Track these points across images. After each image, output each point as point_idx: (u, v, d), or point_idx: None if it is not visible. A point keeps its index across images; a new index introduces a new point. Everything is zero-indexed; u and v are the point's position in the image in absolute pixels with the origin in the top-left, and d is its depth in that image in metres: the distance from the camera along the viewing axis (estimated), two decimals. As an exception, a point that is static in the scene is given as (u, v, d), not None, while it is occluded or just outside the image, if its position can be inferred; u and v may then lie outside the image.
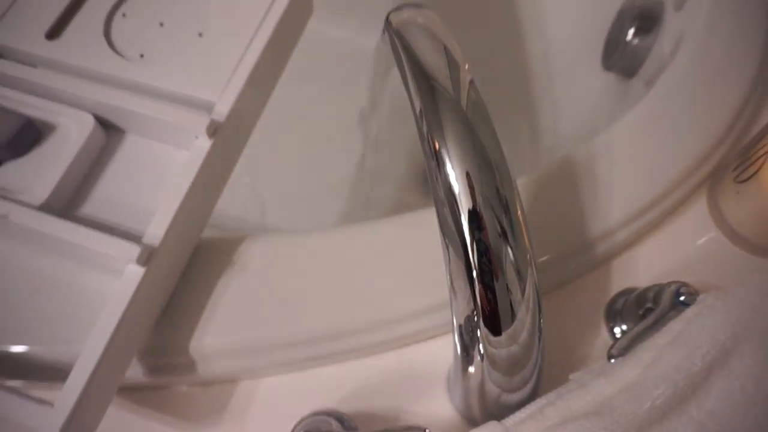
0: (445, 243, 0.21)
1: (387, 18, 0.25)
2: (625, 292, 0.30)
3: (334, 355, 0.29)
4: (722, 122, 0.31)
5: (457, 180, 0.20)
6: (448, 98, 0.21)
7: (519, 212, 0.20)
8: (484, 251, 0.20)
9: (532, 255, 0.20)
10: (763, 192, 0.27)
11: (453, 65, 0.22)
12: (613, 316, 0.30)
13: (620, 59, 0.40)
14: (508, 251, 0.20)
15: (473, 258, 0.20)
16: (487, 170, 0.20)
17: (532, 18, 0.60)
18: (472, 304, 0.21)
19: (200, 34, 0.32)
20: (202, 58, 0.31)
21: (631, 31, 0.38)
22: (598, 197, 0.30)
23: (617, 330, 0.29)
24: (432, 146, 0.20)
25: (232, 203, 0.54)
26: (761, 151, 0.26)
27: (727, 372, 0.19)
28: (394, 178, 0.66)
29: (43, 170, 0.28)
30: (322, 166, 0.65)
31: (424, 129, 0.21)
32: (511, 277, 0.20)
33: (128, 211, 0.29)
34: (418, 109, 0.21)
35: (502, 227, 0.20)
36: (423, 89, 0.21)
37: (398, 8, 0.25)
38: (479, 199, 0.20)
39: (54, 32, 0.32)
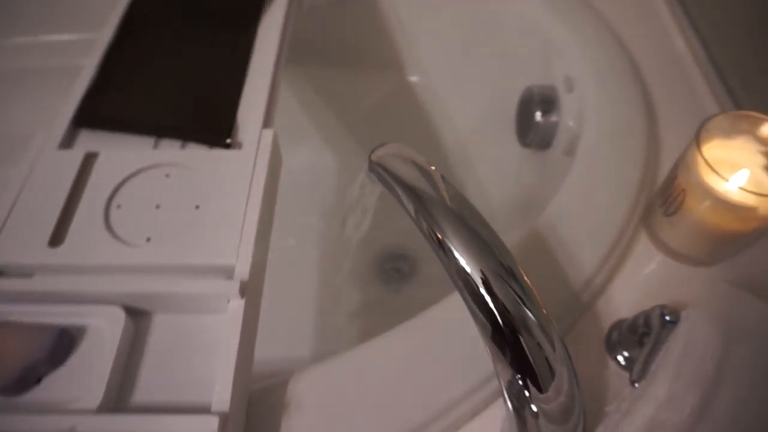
0: (475, 321, 0.23)
1: (369, 158, 0.31)
2: (616, 325, 0.35)
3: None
4: (637, 173, 0.39)
5: (466, 263, 0.23)
6: (433, 197, 0.26)
7: (525, 276, 0.23)
8: (508, 318, 0.22)
9: (548, 311, 0.23)
10: (689, 218, 0.34)
11: (425, 173, 0.27)
12: (613, 347, 0.35)
13: (535, 136, 0.48)
14: (527, 313, 0.23)
15: (502, 326, 0.22)
16: (486, 247, 0.23)
17: (441, 113, 0.69)
18: (512, 370, 0.23)
19: (197, 207, 0.35)
20: (206, 227, 0.34)
21: (539, 114, 0.47)
22: (570, 254, 0.36)
23: (620, 358, 0.34)
24: (435, 239, 0.24)
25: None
26: (677, 190, 0.34)
27: (732, 365, 0.24)
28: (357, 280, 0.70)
29: (88, 374, 0.29)
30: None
31: (424, 227, 0.25)
32: (538, 334, 0.23)
33: (177, 387, 0.30)
34: (413, 213, 0.26)
35: (516, 293, 0.23)
36: (412, 197, 0.26)
37: (374, 149, 0.32)
38: (489, 274, 0.22)
39: (56, 239, 0.34)
